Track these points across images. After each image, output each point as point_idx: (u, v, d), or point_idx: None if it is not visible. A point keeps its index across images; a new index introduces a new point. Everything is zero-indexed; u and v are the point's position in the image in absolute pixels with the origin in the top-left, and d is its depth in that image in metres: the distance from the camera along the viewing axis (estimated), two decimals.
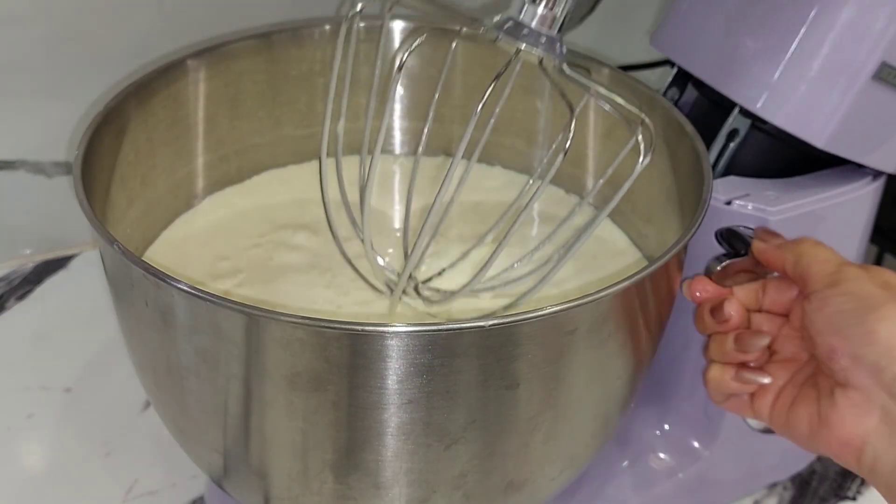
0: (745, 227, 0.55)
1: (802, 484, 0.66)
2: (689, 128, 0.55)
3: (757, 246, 0.52)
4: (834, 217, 0.57)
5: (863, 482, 0.67)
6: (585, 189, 0.67)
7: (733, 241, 0.55)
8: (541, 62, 0.51)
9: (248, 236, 0.63)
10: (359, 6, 0.54)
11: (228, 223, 0.64)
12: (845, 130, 0.54)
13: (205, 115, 0.63)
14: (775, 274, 0.52)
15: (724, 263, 0.53)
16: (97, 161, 0.54)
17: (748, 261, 0.53)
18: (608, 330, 0.47)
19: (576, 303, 0.44)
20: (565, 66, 0.52)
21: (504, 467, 0.49)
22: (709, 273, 0.53)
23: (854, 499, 0.66)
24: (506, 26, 0.51)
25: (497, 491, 0.50)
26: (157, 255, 0.61)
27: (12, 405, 0.68)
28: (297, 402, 0.45)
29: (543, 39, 0.51)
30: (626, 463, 0.62)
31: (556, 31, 0.51)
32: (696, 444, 0.62)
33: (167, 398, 0.51)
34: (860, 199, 0.58)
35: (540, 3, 0.50)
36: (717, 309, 0.52)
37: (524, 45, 0.51)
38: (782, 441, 0.62)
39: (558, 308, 0.43)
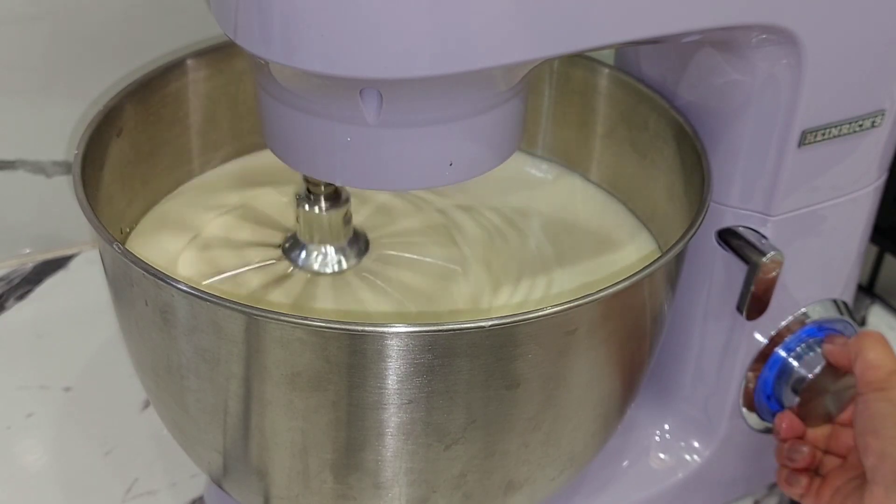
0: (744, 227, 0.55)
1: None
2: (689, 128, 0.55)
3: (826, 348, 0.58)
4: (834, 217, 0.57)
5: None
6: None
7: (732, 242, 0.55)
8: None
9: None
10: None
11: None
12: None
13: (205, 114, 0.63)
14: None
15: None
16: (97, 161, 0.54)
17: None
18: (608, 330, 0.47)
19: (576, 303, 0.44)
20: None
21: (504, 467, 0.49)
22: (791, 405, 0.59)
23: None
24: (304, 260, 0.56)
25: (497, 491, 0.50)
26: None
27: (12, 404, 0.68)
28: (297, 402, 0.45)
29: (337, 255, 0.56)
30: (626, 463, 0.62)
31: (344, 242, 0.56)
32: (696, 444, 0.62)
33: (167, 398, 0.51)
34: (860, 199, 0.58)
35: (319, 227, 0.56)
36: (793, 449, 0.58)
37: (327, 270, 0.56)
38: None
39: (558, 308, 0.43)
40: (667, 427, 0.63)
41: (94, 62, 0.73)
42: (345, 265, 0.57)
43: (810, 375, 0.58)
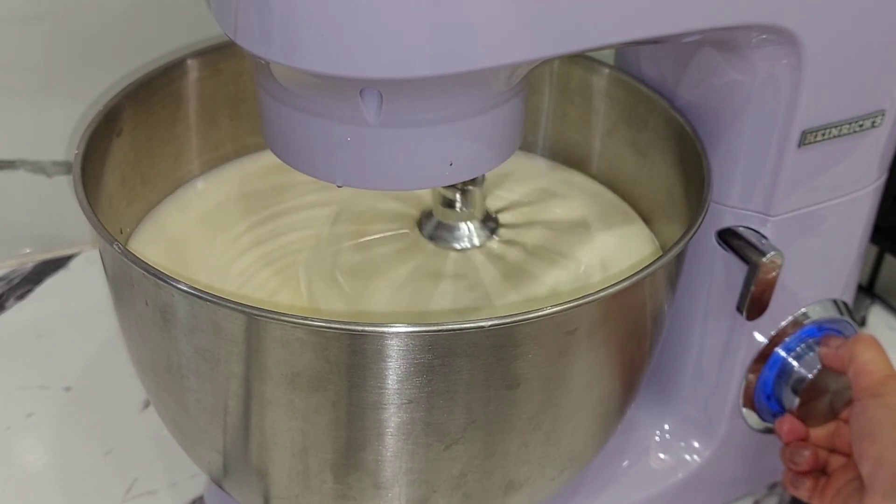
0: (744, 227, 0.55)
1: None
2: (689, 128, 0.55)
3: (821, 351, 0.58)
4: (834, 217, 0.57)
5: None
6: None
7: (732, 242, 0.55)
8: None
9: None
10: None
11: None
12: None
13: (205, 114, 0.63)
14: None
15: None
16: (97, 161, 0.54)
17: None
18: (608, 330, 0.47)
19: (576, 303, 0.44)
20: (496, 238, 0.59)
21: (504, 467, 0.49)
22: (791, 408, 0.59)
23: None
24: (435, 233, 0.58)
25: (497, 491, 0.50)
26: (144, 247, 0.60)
27: (12, 404, 0.68)
28: (297, 402, 0.45)
29: (469, 232, 0.58)
30: (626, 463, 0.62)
31: (478, 219, 0.58)
32: (696, 444, 0.62)
33: (167, 398, 0.51)
34: (860, 199, 0.58)
35: (455, 205, 0.57)
36: (795, 452, 0.58)
37: (457, 245, 0.58)
38: None
39: (558, 308, 0.43)
40: (667, 427, 0.63)
41: (94, 62, 0.73)
42: (476, 242, 0.58)
43: (810, 375, 0.58)
